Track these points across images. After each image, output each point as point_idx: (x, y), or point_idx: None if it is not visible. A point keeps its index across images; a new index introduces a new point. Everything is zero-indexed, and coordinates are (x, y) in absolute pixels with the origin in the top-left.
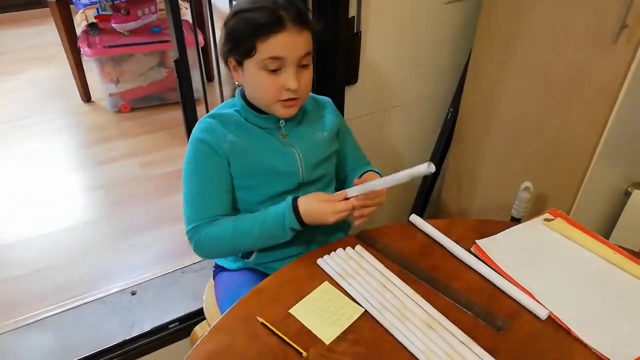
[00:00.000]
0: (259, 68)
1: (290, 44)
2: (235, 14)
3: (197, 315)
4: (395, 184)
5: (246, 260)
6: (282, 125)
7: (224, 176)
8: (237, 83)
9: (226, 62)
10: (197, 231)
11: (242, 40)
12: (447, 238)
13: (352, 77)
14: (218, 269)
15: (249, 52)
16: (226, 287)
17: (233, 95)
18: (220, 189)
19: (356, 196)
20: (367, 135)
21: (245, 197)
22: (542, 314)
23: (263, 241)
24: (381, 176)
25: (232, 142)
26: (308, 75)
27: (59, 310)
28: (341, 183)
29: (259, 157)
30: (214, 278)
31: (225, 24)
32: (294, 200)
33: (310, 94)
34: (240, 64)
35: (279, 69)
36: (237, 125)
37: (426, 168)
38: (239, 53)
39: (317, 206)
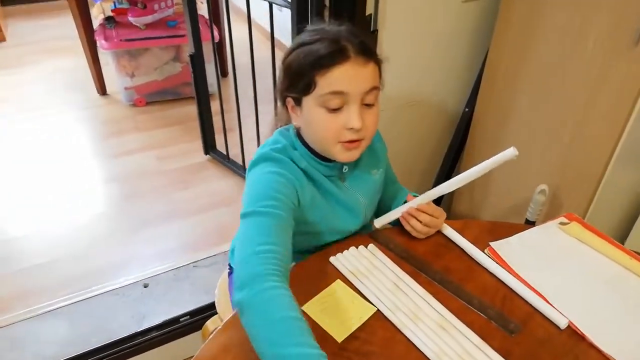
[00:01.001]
0: (317, 104)
1: (354, 76)
2: (295, 48)
3: (208, 310)
4: (477, 176)
5: None
6: (345, 171)
7: (292, 217)
8: (295, 125)
9: (284, 102)
10: (260, 280)
11: (301, 74)
12: (463, 238)
13: None
14: (232, 269)
15: (308, 87)
16: None
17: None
18: (291, 226)
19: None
20: (381, 132)
21: (298, 244)
22: (562, 323)
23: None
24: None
25: (305, 192)
26: (374, 114)
27: (72, 301)
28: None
29: (324, 208)
30: (229, 276)
31: (284, 59)
32: None
33: None
34: (298, 102)
35: (340, 107)
36: (306, 171)
37: (512, 153)
38: (297, 90)
39: None
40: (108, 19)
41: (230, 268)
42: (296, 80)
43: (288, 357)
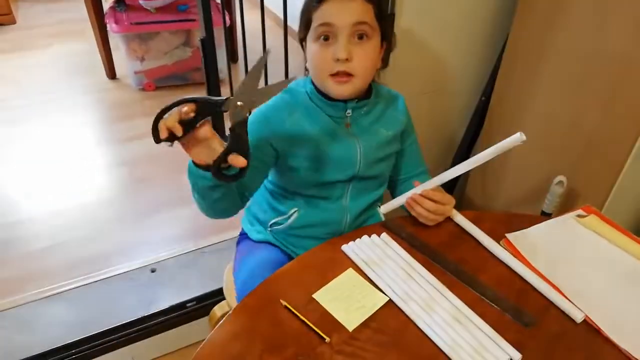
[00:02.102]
0: (314, 39)
1: (340, 9)
2: None
3: (215, 296)
4: (481, 162)
5: (273, 229)
6: (348, 114)
7: (268, 157)
8: (307, 66)
9: (303, 47)
10: None
11: (303, 14)
12: (478, 229)
13: (383, 60)
14: (242, 236)
15: (308, 25)
16: (243, 254)
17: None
18: (260, 165)
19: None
20: None
21: (295, 179)
22: (578, 317)
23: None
24: None
25: (293, 126)
26: (365, 49)
27: (80, 284)
28: (391, 187)
29: (318, 143)
30: (237, 245)
31: None
32: None
33: (386, 88)
34: (305, 42)
35: (329, 37)
36: (304, 107)
37: (518, 138)
38: (303, 30)
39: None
40: (118, 2)
41: (241, 234)
42: (301, 21)
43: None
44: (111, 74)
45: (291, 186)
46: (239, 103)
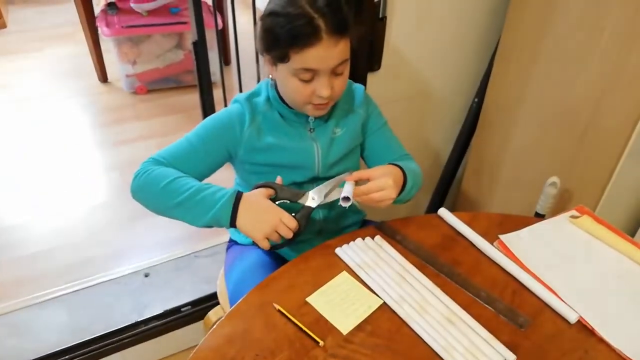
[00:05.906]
0: (291, 74)
1: (324, 57)
2: (271, 14)
3: (209, 300)
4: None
5: None
6: (311, 120)
7: (218, 159)
8: (271, 77)
9: (262, 55)
10: (152, 163)
11: (276, 45)
12: (472, 230)
13: (375, 63)
14: (231, 243)
15: (282, 58)
16: (233, 258)
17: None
18: (205, 162)
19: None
20: (391, 123)
21: (255, 181)
22: (572, 317)
23: (183, 211)
24: (402, 170)
25: (252, 135)
26: (342, 80)
27: (72, 289)
28: None
29: (278, 151)
30: (226, 251)
31: (261, 19)
32: (238, 193)
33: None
34: (274, 64)
35: (311, 79)
36: (264, 116)
37: (340, 201)
38: (272, 56)
39: (263, 209)
40: (110, 5)
41: (230, 240)
42: (272, 48)
43: (199, 195)
44: (103, 77)
45: (250, 189)
46: (312, 197)
